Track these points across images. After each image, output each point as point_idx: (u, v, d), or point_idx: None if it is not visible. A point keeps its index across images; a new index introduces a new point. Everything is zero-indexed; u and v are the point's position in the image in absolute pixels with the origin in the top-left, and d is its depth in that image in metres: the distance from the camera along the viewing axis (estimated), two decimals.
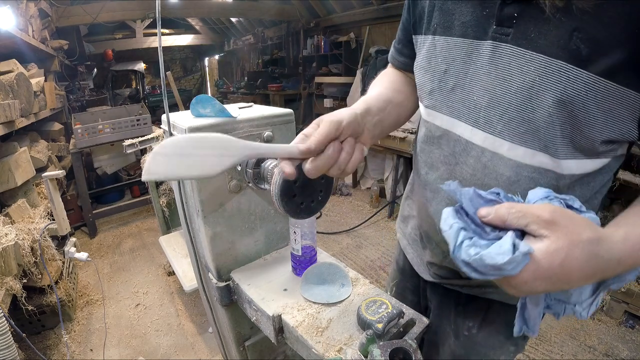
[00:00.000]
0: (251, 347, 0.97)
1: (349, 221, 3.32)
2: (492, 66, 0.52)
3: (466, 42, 0.55)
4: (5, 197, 1.97)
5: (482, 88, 0.54)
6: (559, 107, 0.47)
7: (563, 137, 0.48)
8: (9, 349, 1.16)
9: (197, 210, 0.80)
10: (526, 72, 0.48)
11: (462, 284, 0.74)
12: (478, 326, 0.75)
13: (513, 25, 0.49)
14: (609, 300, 1.96)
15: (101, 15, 4.34)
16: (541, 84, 0.47)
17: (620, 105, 0.44)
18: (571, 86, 0.45)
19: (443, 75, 0.59)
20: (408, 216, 0.86)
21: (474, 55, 0.54)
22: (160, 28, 0.77)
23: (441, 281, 0.77)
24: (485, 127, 0.54)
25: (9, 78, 1.99)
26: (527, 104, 0.49)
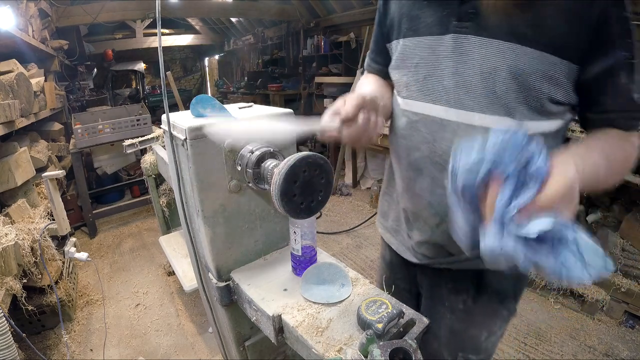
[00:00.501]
0: (251, 347, 0.96)
1: (349, 221, 3.32)
2: (456, 54, 0.64)
3: (431, 38, 0.66)
4: (5, 197, 1.97)
5: (450, 73, 0.65)
6: (513, 78, 0.60)
7: (519, 102, 0.61)
8: (9, 349, 1.16)
9: (197, 210, 0.80)
10: (484, 55, 0.61)
11: (451, 261, 0.78)
12: (472, 298, 0.80)
13: (470, 19, 0.61)
14: (609, 300, 1.96)
15: (101, 15, 4.33)
16: (497, 61, 0.60)
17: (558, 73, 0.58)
18: (521, 60, 0.58)
19: (415, 69, 0.70)
20: (387, 210, 0.93)
21: (440, 48, 0.66)
22: (160, 28, 0.77)
23: (429, 262, 0.81)
24: (456, 105, 0.65)
25: (9, 78, 1.99)
26: (488, 80, 0.61)
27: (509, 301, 0.81)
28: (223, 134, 0.65)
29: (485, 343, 0.84)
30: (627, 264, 1.99)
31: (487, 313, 0.81)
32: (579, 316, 2.01)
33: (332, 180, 0.64)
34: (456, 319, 0.82)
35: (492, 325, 0.82)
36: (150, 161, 2.14)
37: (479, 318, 0.81)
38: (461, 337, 0.84)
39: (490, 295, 0.79)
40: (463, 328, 0.83)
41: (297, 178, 0.63)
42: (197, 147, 0.74)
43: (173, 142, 0.80)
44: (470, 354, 0.85)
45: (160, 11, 0.74)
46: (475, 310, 0.81)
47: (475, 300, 0.80)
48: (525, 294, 2.19)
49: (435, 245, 0.78)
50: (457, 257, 0.76)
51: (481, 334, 0.83)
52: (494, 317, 0.82)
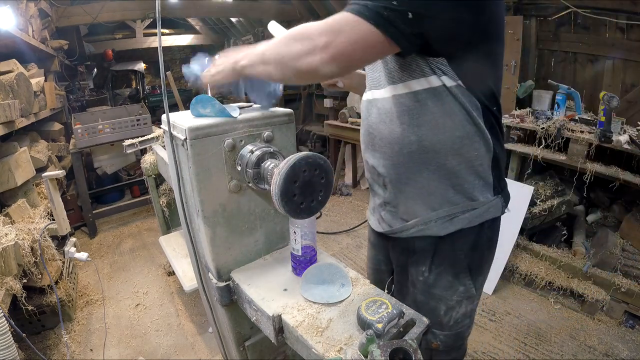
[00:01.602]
0: (251, 347, 0.97)
1: (349, 221, 3.32)
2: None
3: None
4: (5, 197, 1.97)
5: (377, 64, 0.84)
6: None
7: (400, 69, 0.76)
8: (9, 349, 1.16)
9: (197, 210, 0.80)
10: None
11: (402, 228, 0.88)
12: (428, 269, 0.87)
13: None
14: (609, 300, 1.96)
15: (101, 15, 4.33)
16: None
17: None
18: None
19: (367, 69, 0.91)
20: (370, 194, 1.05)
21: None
22: (160, 28, 0.77)
23: (390, 229, 0.92)
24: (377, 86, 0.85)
25: (9, 78, 1.99)
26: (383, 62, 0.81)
27: (464, 276, 0.87)
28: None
29: (446, 318, 0.90)
30: (627, 264, 1.99)
31: (443, 286, 0.87)
32: (579, 316, 2.01)
33: (332, 180, 0.64)
34: (418, 291, 0.90)
35: (449, 299, 0.88)
36: (150, 161, 2.14)
37: (436, 291, 0.88)
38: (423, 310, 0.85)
39: (445, 267, 0.86)
40: (424, 300, 0.89)
41: (297, 178, 0.63)
42: (197, 147, 0.74)
43: (173, 142, 0.80)
44: (433, 328, 0.90)
45: (160, 11, 0.74)
46: (432, 282, 0.88)
47: (431, 271, 0.87)
48: (525, 293, 2.20)
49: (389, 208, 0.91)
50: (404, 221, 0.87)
51: (439, 307, 0.89)
52: (449, 291, 0.87)
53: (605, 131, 1.95)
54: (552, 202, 2.31)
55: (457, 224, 0.83)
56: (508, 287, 2.26)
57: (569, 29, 2.50)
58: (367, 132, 0.90)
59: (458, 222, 0.83)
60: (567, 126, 2.16)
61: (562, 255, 2.19)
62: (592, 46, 2.42)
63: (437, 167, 0.80)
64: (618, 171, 1.97)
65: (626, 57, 2.28)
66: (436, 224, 0.83)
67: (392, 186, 0.87)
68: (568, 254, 2.20)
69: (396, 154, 0.82)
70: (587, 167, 2.02)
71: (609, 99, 1.92)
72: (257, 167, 0.75)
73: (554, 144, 2.16)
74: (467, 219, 0.82)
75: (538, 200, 2.30)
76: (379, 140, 0.85)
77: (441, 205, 0.82)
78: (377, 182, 0.92)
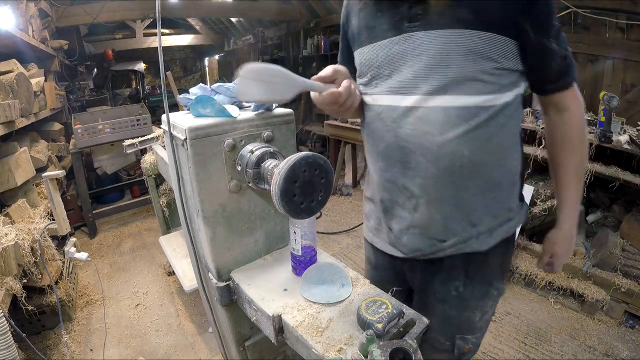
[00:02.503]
0: (251, 347, 0.96)
1: (349, 221, 3.32)
2: (409, 49, 0.72)
3: (388, 41, 0.75)
4: (5, 197, 1.97)
5: (408, 66, 0.73)
6: (465, 58, 0.67)
7: (473, 79, 0.69)
8: (9, 349, 1.16)
9: (197, 210, 0.80)
10: (435, 44, 0.69)
11: (435, 250, 0.81)
12: (463, 283, 0.84)
13: (419, 19, 0.70)
14: (609, 300, 1.96)
15: (101, 15, 4.33)
16: (449, 46, 0.68)
17: (498, 48, 0.68)
18: (470, 41, 0.67)
19: (380, 69, 0.78)
20: (368, 212, 0.98)
21: (395, 47, 0.74)
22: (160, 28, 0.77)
23: (414, 254, 0.84)
24: (414, 91, 0.73)
25: (9, 78, 1.99)
26: (442, 64, 0.69)
27: (498, 281, 0.87)
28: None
29: (480, 322, 0.89)
30: (627, 264, 1.99)
31: (479, 296, 0.86)
32: (579, 316, 2.01)
33: (332, 180, 0.64)
34: (449, 307, 0.86)
35: (484, 306, 0.87)
36: (150, 161, 2.14)
37: (472, 302, 0.86)
38: (456, 322, 0.88)
39: (480, 278, 0.84)
40: (457, 314, 0.87)
41: (297, 178, 0.63)
42: (197, 147, 0.74)
43: (173, 142, 0.80)
44: (466, 335, 0.89)
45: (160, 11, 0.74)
46: (467, 294, 0.85)
47: (467, 285, 0.84)
48: (525, 293, 2.20)
49: (416, 231, 0.81)
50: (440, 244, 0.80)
51: (475, 315, 0.87)
52: (486, 299, 0.86)
53: (605, 131, 1.95)
54: (552, 202, 2.31)
55: (497, 237, 0.81)
56: (508, 287, 2.26)
57: (569, 29, 2.50)
58: (397, 147, 0.76)
59: (497, 235, 0.81)
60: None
61: None
62: (592, 46, 2.42)
63: (484, 181, 0.75)
64: (618, 171, 1.97)
65: (626, 57, 2.28)
66: (477, 240, 0.79)
67: (427, 207, 0.77)
68: None
69: (442, 171, 0.73)
70: (587, 167, 2.02)
71: (609, 99, 1.92)
72: (257, 167, 0.75)
73: None
74: (505, 231, 0.81)
75: (538, 200, 2.30)
76: (420, 156, 0.73)
77: (481, 219, 0.78)
78: (403, 205, 0.80)
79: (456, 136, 0.71)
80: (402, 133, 0.75)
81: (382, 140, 0.80)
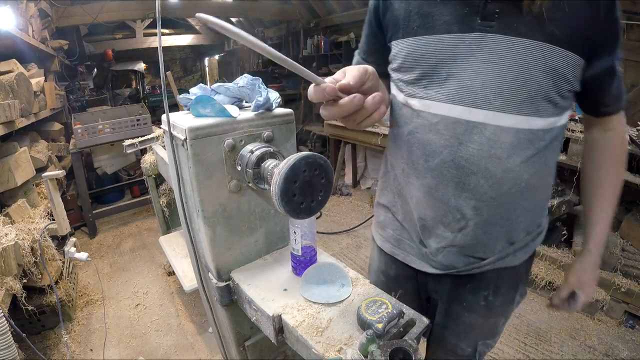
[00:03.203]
0: (251, 347, 0.96)
1: (349, 221, 3.32)
2: (484, 52, 0.62)
3: (452, 36, 0.63)
4: (5, 197, 1.97)
5: (474, 72, 0.63)
6: (545, 76, 0.61)
7: (546, 100, 0.63)
8: (9, 349, 1.16)
9: (197, 210, 0.80)
10: (514, 53, 0.60)
11: (471, 267, 0.77)
12: (493, 292, 0.82)
13: (495, 19, 0.61)
14: (609, 300, 1.95)
15: (101, 15, 4.33)
16: (530, 60, 0.60)
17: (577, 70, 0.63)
18: (552, 59, 0.60)
19: (435, 68, 0.66)
20: (384, 221, 0.91)
21: (462, 47, 0.63)
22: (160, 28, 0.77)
23: (448, 271, 0.79)
24: (483, 105, 0.63)
25: (9, 78, 1.99)
26: (519, 79, 0.61)
27: (522, 287, 0.87)
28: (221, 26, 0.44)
29: (502, 327, 0.89)
30: (627, 264, 1.99)
31: (506, 302, 0.85)
32: (579, 316, 2.01)
33: (332, 180, 0.64)
34: (476, 315, 0.85)
35: (509, 311, 0.87)
36: (150, 161, 2.14)
37: (499, 309, 0.85)
38: (481, 329, 0.87)
39: (508, 285, 0.83)
40: (484, 321, 0.86)
41: (297, 178, 0.63)
42: (197, 147, 0.74)
43: (173, 142, 0.80)
44: (488, 340, 0.90)
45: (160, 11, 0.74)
46: (496, 303, 0.83)
47: (496, 294, 0.82)
48: None
49: (454, 250, 0.77)
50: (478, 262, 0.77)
51: (500, 321, 0.87)
52: (511, 304, 0.86)
53: None
54: (552, 202, 2.31)
55: (529, 251, 0.80)
56: None
57: None
58: (455, 165, 0.67)
59: (530, 249, 0.80)
60: (567, 126, 2.16)
61: (562, 255, 2.19)
62: None
63: (532, 203, 0.73)
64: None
65: (626, 57, 2.27)
66: (513, 256, 0.78)
67: (474, 229, 0.72)
68: (568, 254, 2.20)
69: (500, 195, 0.68)
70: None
71: None
72: (257, 167, 0.75)
73: None
74: (536, 244, 0.81)
75: None
76: (481, 179, 0.66)
77: (519, 236, 0.76)
78: (448, 225, 0.74)
79: (522, 161, 0.65)
80: (463, 151, 0.66)
81: (436, 155, 0.69)
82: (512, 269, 0.80)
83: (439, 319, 0.89)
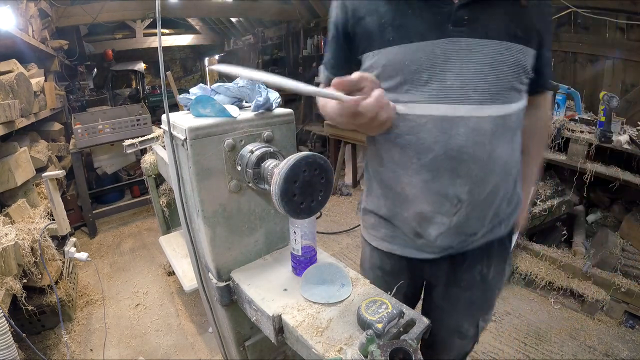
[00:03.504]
0: (251, 347, 0.97)
1: (349, 221, 3.32)
2: (457, 55, 0.70)
3: (427, 43, 0.70)
4: (5, 197, 1.97)
5: (453, 74, 0.70)
6: (511, 70, 0.71)
7: (512, 89, 0.73)
8: (9, 349, 1.16)
9: (197, 210, 0.80)
10: (485, 54, 0.69)
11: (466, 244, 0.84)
12: (487, 266, 0.90)
13: (465, 25, 0.68)
14: (609, 300, 1.96)
15: (101, 15, 4.33)
16: (497, 58, 0.70)
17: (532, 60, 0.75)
18: (516, 55, 0.71)
19: (415, 74, 0.72)
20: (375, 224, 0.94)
21: (438, 52, 0.70)
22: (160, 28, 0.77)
23: (446, 253, 0.85)
24: (465, 101, 0.71)
25: (9, 78, 1.99)
26: (492, 75, 0.70)
27: (509, 257, 0.96)
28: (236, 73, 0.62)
29: (496, 299, 0.97)
30: (627, 264, 1.99)
31: (499, 274, 0.93)
32: (579, 316, 2.01)
33: (332, 180, 0.64)
34: (474, 292, 0.92)
35: (501, 283, 0.96)
36: (150, 161, 2.14)
37: (493, 282, 0.93)
38: (480, 304, 0.95)
39: (498, 258, 0.91)
40: (482, 297, 0.94)
41: (297, 178, 0.63)
42: (197, 147, 0.74)
43: (173, 142, 0.80)
44: (486, 314, 0.99)
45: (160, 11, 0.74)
46: (490, 276, 0.92)
47: (489, 267, 0.91)
48: (525, 293, 2.20)
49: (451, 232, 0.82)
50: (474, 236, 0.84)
51: (494, 295, 0.96)
52: (503, 276, 0.95)
53: (605, 131, 1.95)
54: (552, 202, 2.31)
55: (511, 221, 0.89)
56: (508, 287, 2.26)
57: (569, 29, 2.50)
58: (447, 157, 0.74)
59: (511, 219, 0.89)
60: (567, 126, 2.16)
61: (562, 255, 2.19)
62: (592, 46, 2.42)
63: (510, 176, 0.82)
64: (618, 171, 1.97)
65: (626, 57, 2.28)
66: (500, 227, 0.86)
67: (467, 209, 0.79)
68: (568, 254, 2.20)
69: (488, 174, 0.76)
70: (587, 167, 2.02)
71: (609, 99, 1.92)
72: (257, 167, 0.75)
73: (554, 144, 2.16)
74: (515, 215, 0.90)
75: (538, 200, 2.30)
76: (472, 164, 0.74)
77: (502, 208, 0.84)
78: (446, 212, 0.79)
79: (501, 142, 0.75)
80: (453, 144, 0.72)
81: (429, 151, 0.74)
82: (500, 241, 0.89)
83: (439, 302, 0.96)
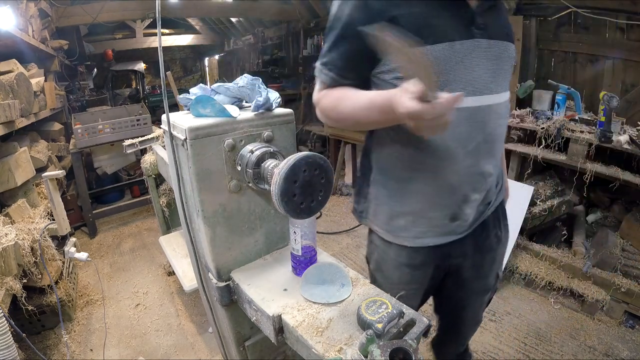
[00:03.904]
0: (251, 347, 0.97)
1: (349, 221, 3.32)
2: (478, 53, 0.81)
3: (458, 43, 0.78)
4: (5, 197, 1.97)
5: (481, 68, 0.81)
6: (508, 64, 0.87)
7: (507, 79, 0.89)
8: (9, 349, 1.16)
9: (197, 210, 0.80)
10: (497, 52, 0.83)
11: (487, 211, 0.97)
12: (499, 227, 1.04)
13: (482, 28, 0.80)
14: (609, 300, 1.96)
15: (101, 15, 4.32)
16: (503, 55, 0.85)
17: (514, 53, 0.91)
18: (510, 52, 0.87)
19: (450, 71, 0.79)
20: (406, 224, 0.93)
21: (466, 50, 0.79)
22: (160, 28, 0.77)
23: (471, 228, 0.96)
24: (488, 92, 0.83)
25: (9, 78, 1.99)
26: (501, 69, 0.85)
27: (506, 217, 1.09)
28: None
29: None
30: (627, 264, 1.99)
31: (506, 232, 1.08)
32: (579, 316, 2.01)
33: (332, 180, 0.64)
34: (495, 251, 1.05)
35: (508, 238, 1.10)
36: (150, 161, 2.14)
37: (504, 238, 1.08)
38: (499, 260, 1.09)
39: (502, 219, 1.06)
40: (500, 252, 1.08)
41: (297, 178, 0.63)
42: (197, 147, 0.74)
43: (173, 142, 0.80)
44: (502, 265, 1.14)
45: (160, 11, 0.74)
46: (502, 235, 1.06)
47: (501, 228, 1.05)
48: (525, 293, 2.20)
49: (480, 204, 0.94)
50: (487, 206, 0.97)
51: (506, 248, 1.11)
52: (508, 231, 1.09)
53: (605, 131, 1.95)
54: (552, 202, 2.31)
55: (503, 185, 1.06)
56: (508, 287, 2.26)
57: (569, 29, 2.50)
58: (485, 141, 0.85)
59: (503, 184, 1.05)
60: (567, 126, 2.16)
61: (562, 255, 2.19)
62: (592, 46, 2.42)
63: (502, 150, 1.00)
64: (618, 171, 1.97)
65: (626, 57, 2.27)
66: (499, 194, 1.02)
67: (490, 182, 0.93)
68: (568, 254, 2.20)
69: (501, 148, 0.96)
70: (587, 167, 2.02)
71: (609, 99, 1.92)
72: (257, 167, 0.75)
73: (554, 144, 2.16)
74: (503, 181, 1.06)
75: (538, 200, 2.30)
76: (498, 143, 0.91)
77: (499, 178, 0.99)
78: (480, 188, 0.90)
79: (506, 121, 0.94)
80: (488, 129, 0.85)
81: (472, 140, 0.84)
82: (500, 205, 1.06)
83: (468, 274, 1.04)
